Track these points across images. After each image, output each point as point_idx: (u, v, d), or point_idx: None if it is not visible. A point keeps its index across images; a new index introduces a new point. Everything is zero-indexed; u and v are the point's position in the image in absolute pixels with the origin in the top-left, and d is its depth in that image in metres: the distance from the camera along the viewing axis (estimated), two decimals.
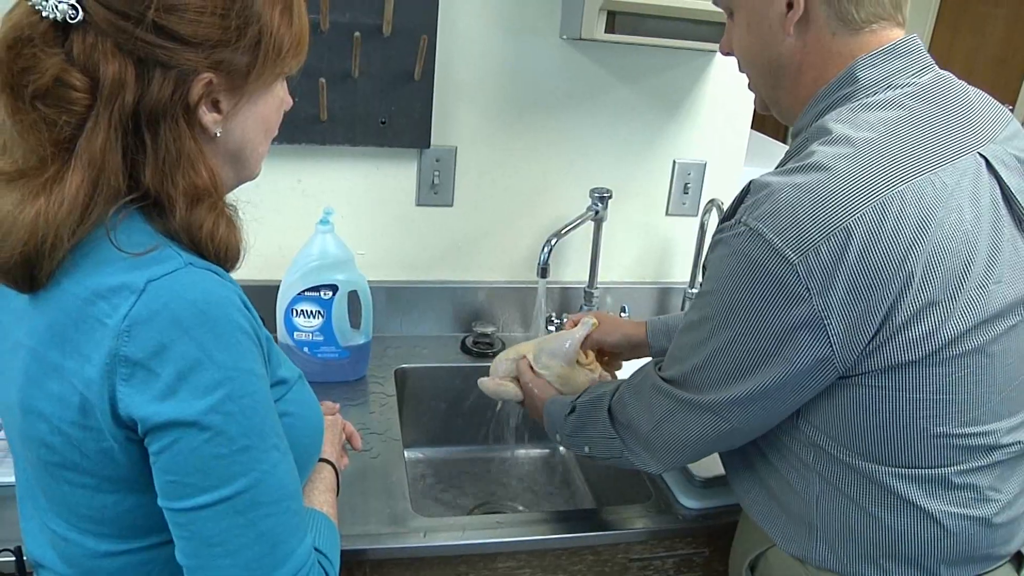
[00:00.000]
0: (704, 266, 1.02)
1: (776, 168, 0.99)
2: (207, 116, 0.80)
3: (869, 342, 0.90)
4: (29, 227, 0.74)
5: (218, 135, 0.82)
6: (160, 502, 0.77)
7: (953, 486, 0.96)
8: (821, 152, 0.92)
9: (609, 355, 1.51)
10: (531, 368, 1.38)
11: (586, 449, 1.19)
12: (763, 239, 0.89)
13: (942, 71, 1.01)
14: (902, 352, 0.90)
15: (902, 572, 0.99)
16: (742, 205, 0.95)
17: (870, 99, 0.96)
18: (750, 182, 0.97)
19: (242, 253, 0.85)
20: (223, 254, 0.82)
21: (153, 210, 0.79)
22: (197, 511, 0.75)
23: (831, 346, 0.90)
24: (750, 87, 1.11)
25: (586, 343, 1.43)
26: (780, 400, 0.96)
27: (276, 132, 0.91)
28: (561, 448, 1.27)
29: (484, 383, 1.42)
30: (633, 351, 1.49)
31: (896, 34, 0.99)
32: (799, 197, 0.89)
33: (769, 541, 1.09)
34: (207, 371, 0.73)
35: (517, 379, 1.40)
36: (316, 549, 0.85)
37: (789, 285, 0.88)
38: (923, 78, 0.98)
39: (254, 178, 0.91)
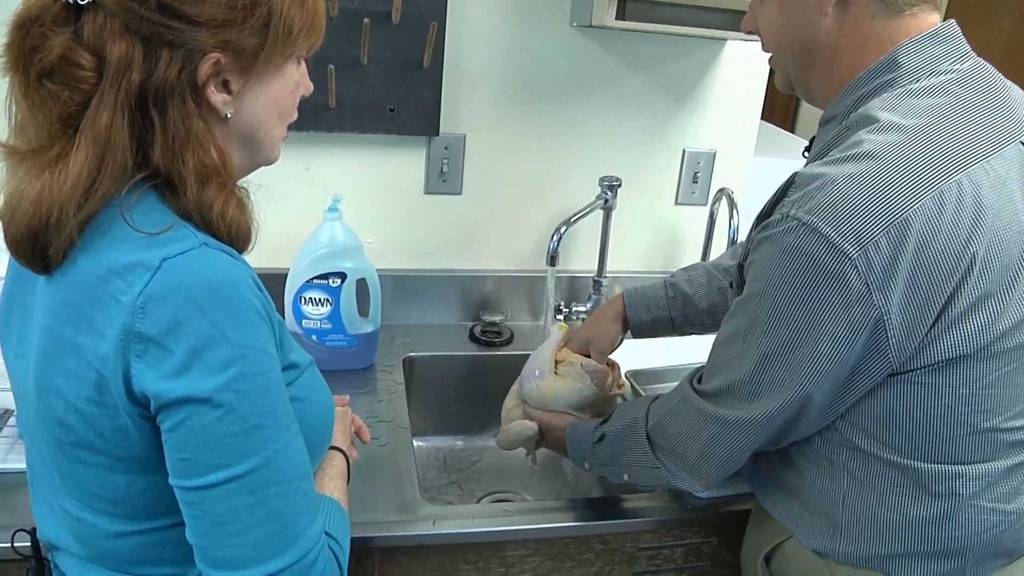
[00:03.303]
0: (743, 267, 0.99)
1: (815, 159, 0.96)
2: (216, 96, 0.80)
3: (924, 336, 0.88)
4: (34, 201, 0.75)
5: (229, 116, 0.82)
6: (171, 480, 0.77)
7: (995, 481, 0.95)
8: (872, 140, 0.89)
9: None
10: (528, 407, 1.36)
11: (625, 477, 1.16)
12: (818, 233, 0.86)
13: (979, 58, 0.98)
14: (955, 347, 0.88)
15: (930, 567, 0.98)
16: (787, 199, 0.91)
17: (914, 86, 0.93)
18: (794, 174, 0.94)
19: (254, 234, 0.85)
20: (235, 234, 0.82)
21: (166, 189, 0.80)
22: (208, 489, 0.75)
23: (888, 342, 0.88)
24: (773, 64, 1.07)
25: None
26: (831, 401, 0.94)
27: (294, 116, 0.91)
28: (585, 465, 1.24)
29: (499, 441, 1.40)
30: (609, 334, 1.42)
31: (935, 19, 0.96)
32: (854, 188, 0.86)
33: (785, 533, 1.08)
34: (220, 349, 0.74)
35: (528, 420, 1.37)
36: (326, 533, 0.85)
37: (848, 281, 0.85)
38: (964, 65, 0.95)
39: (272, 162, 0.91)
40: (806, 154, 1.08)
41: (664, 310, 1.41)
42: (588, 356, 1.40)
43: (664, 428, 1.09)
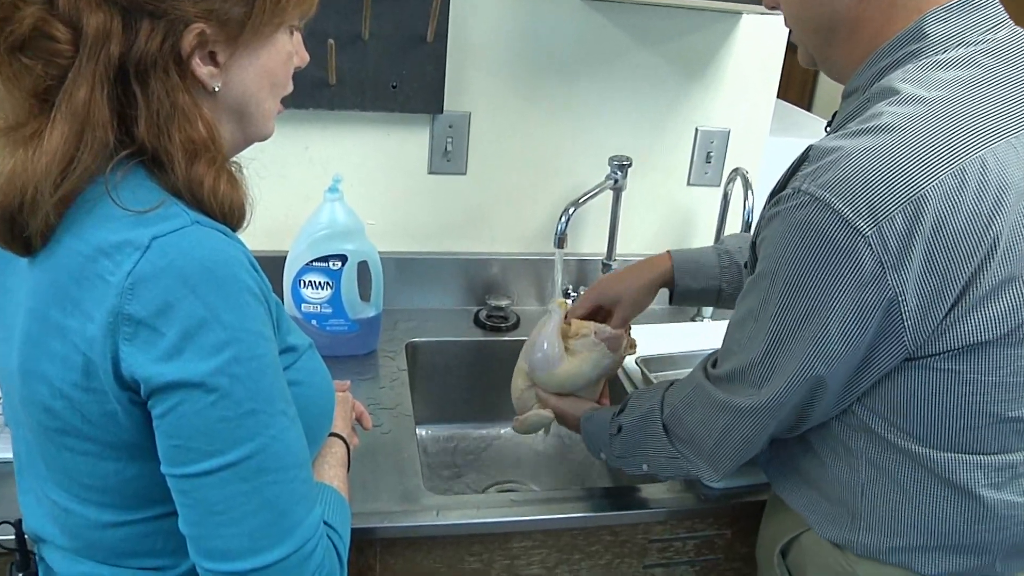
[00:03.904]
0: (755, 245, 0.97)
1: (833, 132, 0.93)
2: (202, 69, 0.78)
3: (942, 320, 0.86)
4: (7, 180, 0.74)
5: (217, 89, 0.80)
6: (163, 468, 0.76)
7: (1019, 473, 0.93)
8: (891, 113, 0.86)
9: (608, 313, 1.39)
10: (547, 392, 1.33)
11: (644, 467, 1.15)
12: (830, 209, 0.84)
13: (1017, 27, 0.95)
14: (977, 331, 0.86)
15: (955, 561, 0.96)
16: (800, 173, 0.89)
17: (941, 56, 0.90)
18: (808, 148, 0.92)
19: (248, 211, 0.84)
20: (227, 211, 0.81)
21: (154, 166, 0.78)
22: (201, 477, 0.74)
23: (903, 325, 0.86)
24: (795, 40, 1.05)
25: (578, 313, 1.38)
26: (846, 385, 0.92)
27: (288, 88, 0.89)
28: (602, 456, 1.23)
29: (516, 427, 1.37)
30: (640, 302, 1.37)
31: None
32: (869, 161, 0.84)
33: (803, 525, 1.07)
34: (213, 331, 0.72)
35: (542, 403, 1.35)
36: (325, 523, 0.84)
37: (861, 259, 0.83)
38: (999, 34, 0.92)
39: (266, 137, 0.89)
40: (827, 129, 1.06)
41: (715, 280, 1.37)
42: (599, 314, 1.36)
43: (680, 417, 1.08)
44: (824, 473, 1.02)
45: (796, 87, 4.21)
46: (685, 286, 1.37)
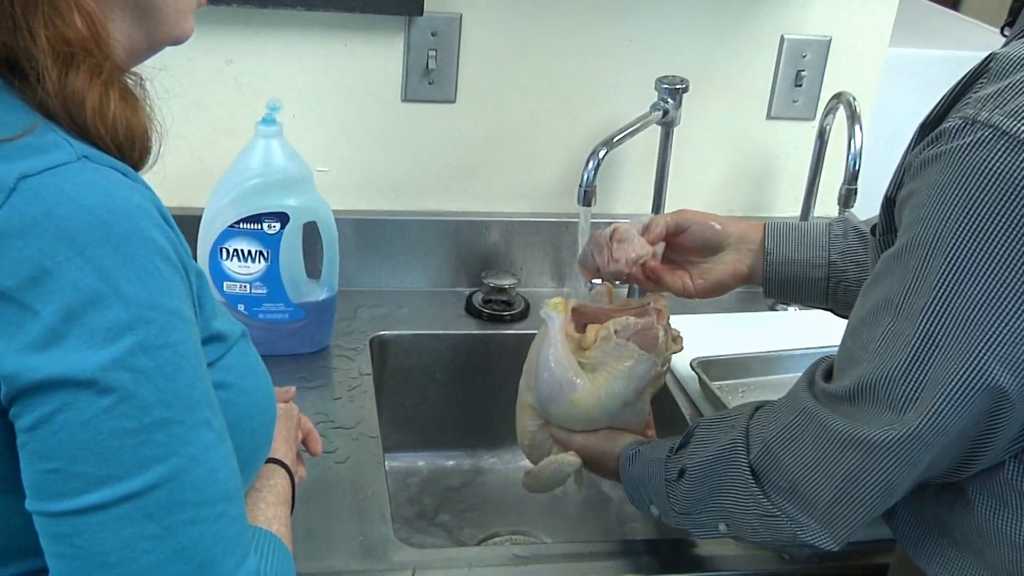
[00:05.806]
0: (894, 201, 0.96)
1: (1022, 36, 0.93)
2: None
3: None
4: None
5: None
6: (29, 504, 0.76)
7: None
8: None
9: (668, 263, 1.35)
10: (560, 428, 1.31)
11: (722, 528, 1.13)
12: None
13: None
14: None
15: None
16: (973, 96, 0.89)
17: None
18: (988, 58, 0.91)
19: (154, 141, 0.84)
20: (123, 140, 0.81)
21: (13, 76, 0.78)
22: (88, 515, 0.74)
23: None
24: None
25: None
26: None
27: None
28: (653, 510, 1.22)
29: (528, 484, 1.36)
30: (706, 238, 1.34)
31: None
32: None
33: None
34: (111, 308, 0.73)
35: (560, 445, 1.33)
36: None
37: None
38: None
39: (181, 39, 0.90)
40: (1007, 32, 1.05)
41: (822, 249, 1.32)
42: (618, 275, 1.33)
43: (777, 457, 1.06)
44: (986, 533, 1.01)
45: None
46: (782, 255, 1.32)
